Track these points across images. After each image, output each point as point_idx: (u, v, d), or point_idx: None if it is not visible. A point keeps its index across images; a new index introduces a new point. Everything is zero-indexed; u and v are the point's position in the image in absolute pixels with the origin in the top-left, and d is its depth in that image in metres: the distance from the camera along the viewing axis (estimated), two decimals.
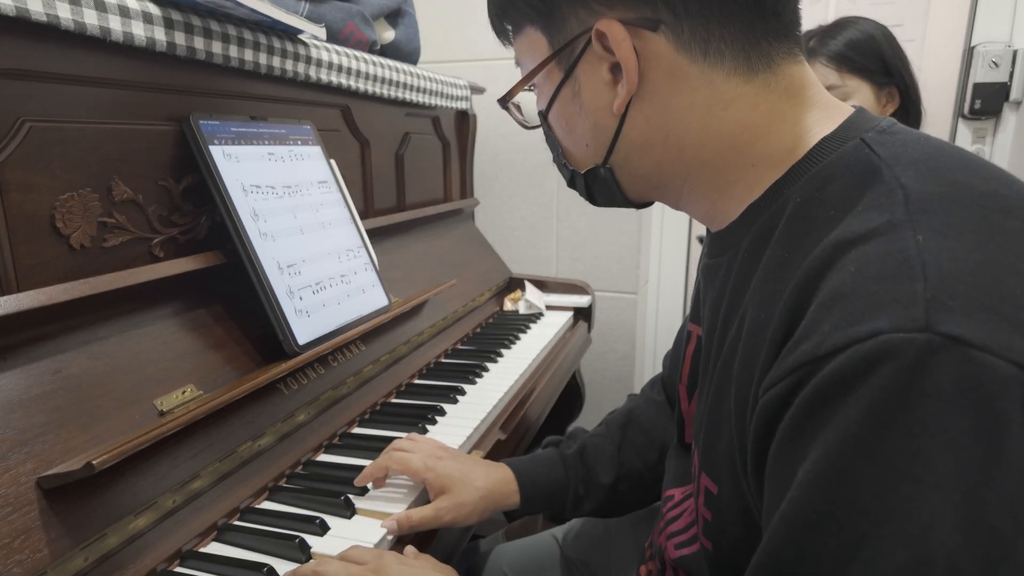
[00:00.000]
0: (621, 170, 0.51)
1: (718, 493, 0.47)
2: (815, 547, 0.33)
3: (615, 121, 0.48)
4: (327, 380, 0.85)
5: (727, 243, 0.49)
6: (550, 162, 0.54)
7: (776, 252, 0.42)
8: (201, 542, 0.62)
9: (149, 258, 0.73)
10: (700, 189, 0.49)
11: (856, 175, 0.40)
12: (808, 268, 0.38)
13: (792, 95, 0.46)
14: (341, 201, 0.97)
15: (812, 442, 0.34)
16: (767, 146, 0.46)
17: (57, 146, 0.62)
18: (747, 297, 0.44)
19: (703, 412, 0.51)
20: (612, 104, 0.47)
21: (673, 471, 0.65)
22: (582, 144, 0.51)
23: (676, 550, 0.55)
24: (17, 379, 0.55)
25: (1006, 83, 1.53)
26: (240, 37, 0.79)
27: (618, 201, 0.54)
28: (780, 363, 0.37)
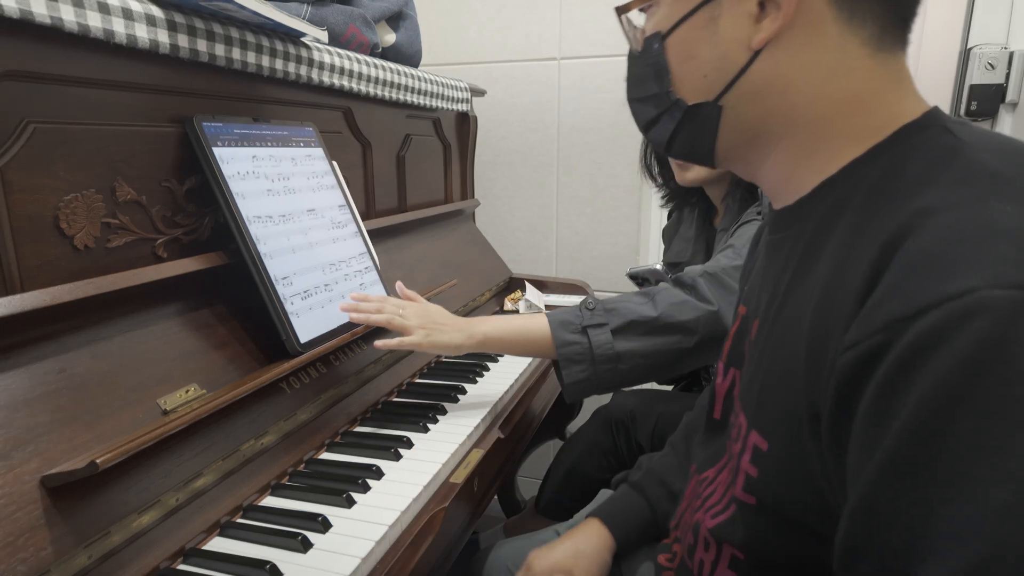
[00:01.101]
0: (729, 112, 0.50)
1: (769, 449, 0.48)
2: (914, 489, 0.35)
3: (746, 57, 0.47)
4: (329, 379, 0.86)
5: (796, 217, 0.50)
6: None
7: (851, 221, 0.44)
8: (204, 539, 0.62)
9: (152, 258, 0.74)
10: (790, 152, 0.50)
11: (939, 154, 0.42)
12: (890, 233, 0.39)
13: (897, 81, 0.47)
14: (343, 202, 0.98)
15: (906, 396, 0.35)
16: (862, 122, 0.47)
17: (61, 147, 0.63)
18: (818, 265, 0.45)
19: (754, 376, 0.52)
20: (749, 38, 0.47)
21: (701, 455, 0.66)
22: (699, 74, 0.50)
23: (712, 519, 0.56)
24: (21, 378, 0.56)
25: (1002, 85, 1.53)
26: (243, 40, 0.79)
27: (702, 150, 0.54)
28: (863, 323, 0.38)
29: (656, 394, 1.29)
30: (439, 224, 1.39)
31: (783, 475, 0.47)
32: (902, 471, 0.35)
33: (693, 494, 0.64)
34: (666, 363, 0.90)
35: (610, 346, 0.88)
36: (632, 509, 0.79)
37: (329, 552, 0.60)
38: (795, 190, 0.50)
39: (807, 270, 0.47)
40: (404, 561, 0.63)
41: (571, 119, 1.69)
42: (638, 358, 0.88)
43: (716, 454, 0.62)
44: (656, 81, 0.53)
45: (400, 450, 0.79)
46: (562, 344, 0.88)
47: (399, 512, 0.66)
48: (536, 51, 1.68)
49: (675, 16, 0.50)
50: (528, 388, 1.06)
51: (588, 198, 1.72)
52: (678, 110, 0.52)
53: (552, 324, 0.90)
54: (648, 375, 0.92)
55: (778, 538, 0.49)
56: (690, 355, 0.90)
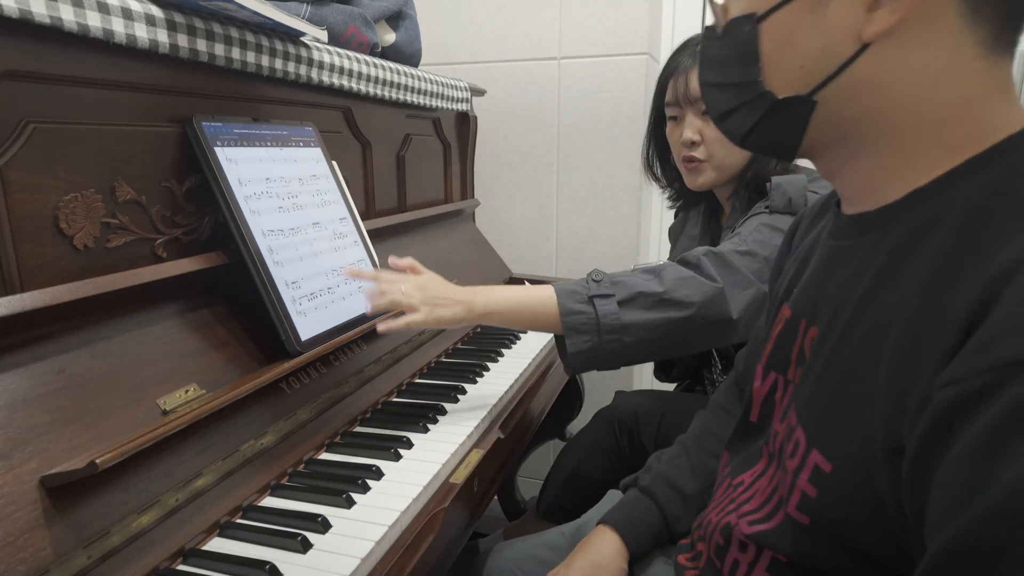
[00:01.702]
0: (822, 109, 0.46)
1: (831, 472, 0.45)
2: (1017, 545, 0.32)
3: (852, 49, 0.43)
4: (329, 379, 0.86)
5: (876, 226, 0.46)
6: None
7: (947, 241, 0.40)
8: (204, 540, 0.62)
9: (152, 258, 0.74)
10: (881, 157, 0.46)
11: None
12: (1001, 264, 0.36)
13: (1004, 88, 0.44)
14: (342, 202, 0.98)
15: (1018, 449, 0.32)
16: (965, 131, 0.43)
17: (61, 147, 0.63)
18: (903, 283, 0.42)
19: (818, 392, 0.49)
20: (860, 29, 0.42)
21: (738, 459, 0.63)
22: (795, 64, 0.45)
23: (751, 526, 0.54)
24: (21, 378, 0.56)
25: None
26: (243, 39, 0.79)
27: (784, 146, 0.50)
28: (969, 359, 0.35)
29: (659, 395, 1.28)
30: (439, 224, 1.39)
31: (846, 499, 0.44)
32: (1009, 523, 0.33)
33: (724, 496, 0.62)
34: (670, 339, 0.89)
35: (616, 317, 0.87)
36: (643, 515, 0.77)
37: (329, 552, 0.60)
38: (878, 197, 0.46)
39: (887, 285, 0.44)
40: (404, 561, 0.63)
41: (571, 119, 1.69)
42: (642, 331, 0.88)
43: (750, 458, 0.60)
44: (741, 68, 0.48)
45: (400, 450, 0.78)
46: (567, 313, 0.88)
47: (399, 512, 0.66)
48: (536, 51, 1.67)
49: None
50: (528, 388, 1.06)
51: (588, 198, 1.72)
52: (764, 103, 0.48)
53: (558, 293, 0.89)
54: (650, 352, 0.91)
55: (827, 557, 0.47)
56: (694, 333, 0.90)
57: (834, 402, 0.47)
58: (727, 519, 0.58)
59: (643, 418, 1.18)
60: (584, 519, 0.89)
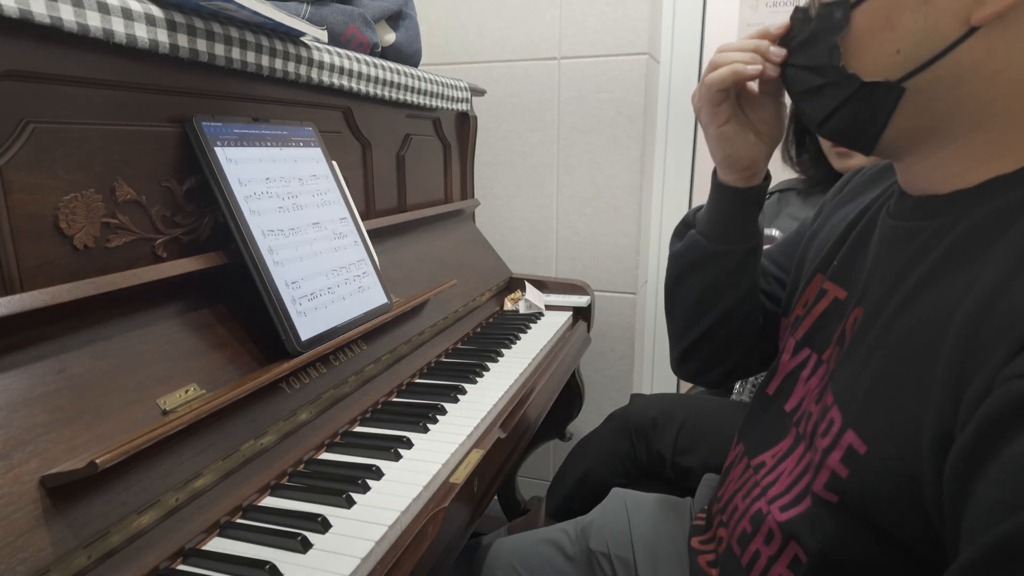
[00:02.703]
0: (912, 97, 0.44)
1: (867, 454, 0.44)
2: None
3: (957, 33, 0.41)
4: (329, 379, 0.86)
5: (946, 210, 0.45)
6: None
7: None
8: (204, 540, 0.62)
9: (152, 258, 0.74)
10: (975, 147, 0.44)
11: None
12: None
13: None
14: (342, 202, 0.98)
15: None
16: None
17: (60, 147, 0.63)
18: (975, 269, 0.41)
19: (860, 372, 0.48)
20: (970, 12, 0.40)
21: (758, 434, 0.61)
22: (891, 48, 0.43)
23: (783, 512, 0.52)
24: (21, 378, 0.56)
25: None
26: (242, 39, 0.79)
27: (865, 136, 0.48)
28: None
29: (678, 399, 1.26)
30: (439, 224, 1.39)
31: (879, 482, 0.44)
32: None
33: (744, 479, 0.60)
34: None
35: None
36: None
37: (329, 552, 0.60)
38: (953, 180, 0.45)
39: (955, 270, 0.42)
40: (404, 561, 0.63)
41: (571, 119, 1.69)
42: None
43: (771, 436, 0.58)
44: (827, 52, 0.47)
45: (400, 450, 0.78)
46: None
47: (399, 512, 0.66)
48: (536, 51, 1.67)
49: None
50: (528, 388, 1.06)
51: (588, 198, 1.72)
52: (849, 85, 0.46)
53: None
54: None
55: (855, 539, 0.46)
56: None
57: (877, 384, 0.45)
58: (757, 506, 0.56)
59: (661, 424, 1.15)
60: (589, 518, 0.89)
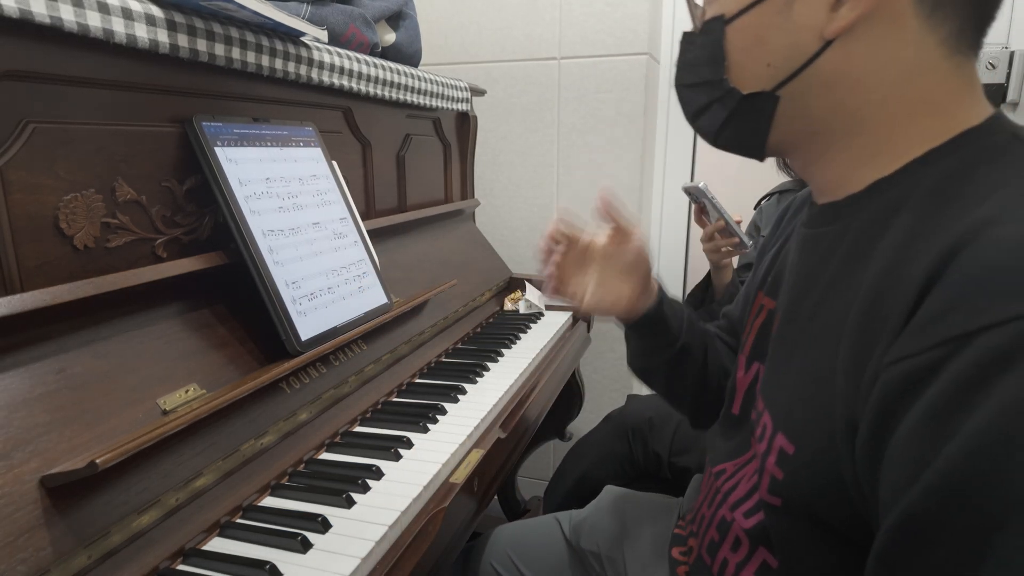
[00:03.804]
0: (788, 104, 0.48)
1: (795, 453, 0.47)
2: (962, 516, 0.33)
3: (816, 46, 0.45)
4: (329, 379, 0.86)
5: (842, 214, 0.48)
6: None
7: (907, 224, 0.42)
8: (204, 539, 0.62)
9: (152, 258, 0.74)
10: (851, 150, 0.48)
11: (1006, 163, 0.41)
12: (949, 240, 0.37)
13: (969, 86, 0.46)
14: (342, 202, 0.98)
15: (964, 418, 0.33)
16: (931, 125, 0.45)
17: (61, 147, 0.63)
18: (866, 266, 0.43)
19: (782, 376, 0.50)
20: (824, 27, 0.45)
21: (720, 448, 0.64)
22: (762, 62, 0.48)
23: (747, 518, 0.54)
24: (21, 378, 0.56)
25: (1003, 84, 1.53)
26: (243, 39, 0.79)
27: (752, 143, 0.52)
28: (916, 335, 0.36)
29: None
30: (439, 224, 1.39)
31: (810, 480, 0.46)
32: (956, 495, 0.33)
33: (710, 488, 0.62)
34: None
35: None
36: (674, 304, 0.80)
37: (329, 552, 0.60)
38: (847, 186, 0.48)
39: (851, 270, 0.45)
40: (404, 561, 0.63)
41: (571, 119, 1.69)
42: None
43: (736, 449, 0.61)
44: (710, 67, 0.51)
45: (400, 450, 0.78)
46: None
47: (399, 512, 0.66)
48: (536, 51, 1.67)
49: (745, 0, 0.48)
50: (528, 388, 1.06)
51: (588, 198, 1.72)
52: (731, 99, 0.50)
53: None
54: None
55: (809, 541, 0.48)
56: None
57: (797, 386, 0.48)
58: (721, 513, 0.58)
59: (658, 425, 1.16)
60: (582, 514, 0.89)
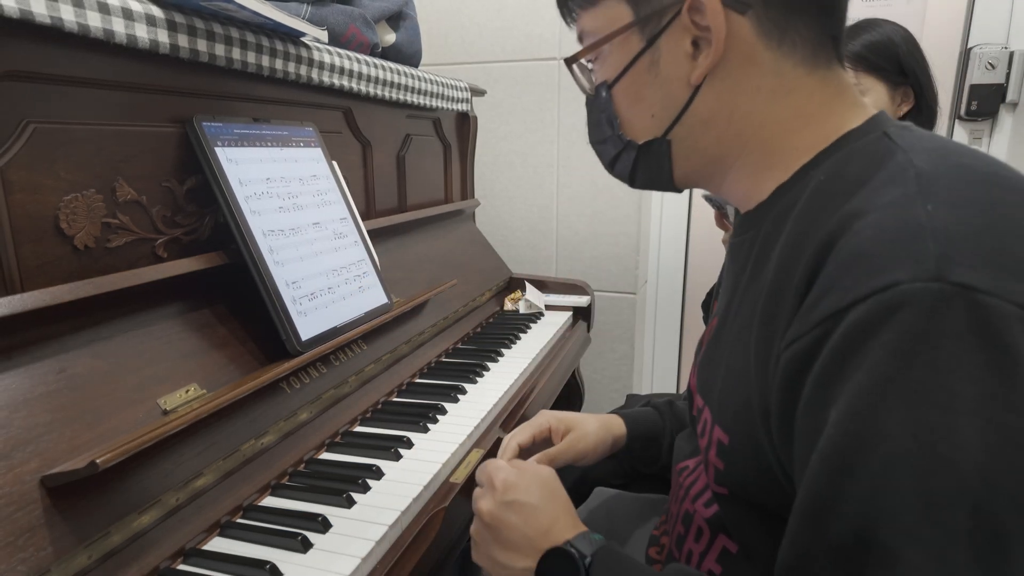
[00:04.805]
0: (679, 144, 0.54)
1: (729, 443, 0.51)
2: (853, 479, 0.36)
3: (687, 93, 0.51)
4: (329, 379, 0.86)
5: (753, 221, 0.53)
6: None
7: (797, 223, 0.46)
8: (204, 539, 0.62)
9: (152, 258, 0.74)
10: (747, 168, 0.53)
11: (874, 158, 0.45)
12: (825, 234, 0.41)
13: (839, 93, 0.50)
14: (342, 202, 0.98)
15: (842, 385, 0.37)
16: (811, 134, 0.50)
17: (61, 147, 0.63)
18: (768, 266, 0.48)
19: (716, 374, 0.54)
20: (689, 75, 0.50)
21: (683, 448, 0.69)
22: (647, 115, 0.54)
23: (707, 508, 0.57)
24: (21, 378, 0.56)
25: (1002, 84, 1.54)
26: (243, 40, 0.79)
27: (661, 179, 0.57)
28: (803, 318, 0.41)
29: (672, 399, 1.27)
30: (439, 224, 1.39)
31: (745, 467, 0.50)
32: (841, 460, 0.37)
33: (676, 485, 0.65)
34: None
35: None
36: (646, 417, 0.83)
37: (329, 552, 0.60)
38: (756, 197, 0.53)
39: (758, 272, 0.50)
40: (404, 561, 0.63)
41: (571, 119, 1.69)
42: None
43: (694, 449, 0.65)
44: (608, 125, 0.57)
45: (400, 450, 0.79)
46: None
47: (399, 512, 0.66)
48: (536, 51, 1.68)
49: (620, 65, 0.53)
50: (529, 387, 1.06)
51: (588, 198, 1.72)
52: (632, 149, 0.56)
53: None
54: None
55: (759, 525, 0.51)
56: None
57: (726, 381, 0.52)
58: (684, 507, 0.61)
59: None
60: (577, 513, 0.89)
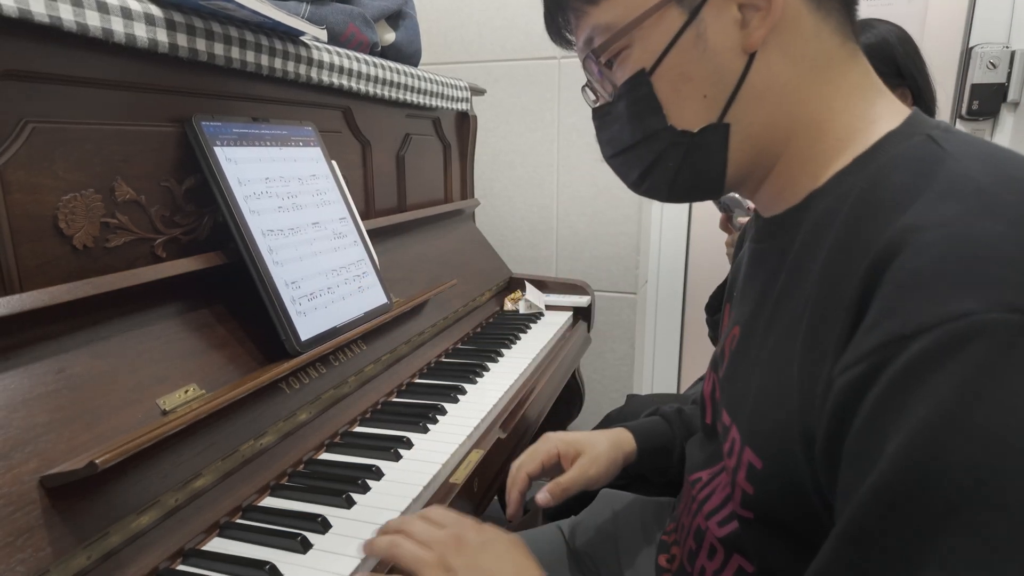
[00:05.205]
0: (737, 127, 0.49)
1: (763, 468, 0.47)
2: (904, 517, 0.33)
3: (741, 63, 0.47)
4: (328, 379, 0.86)
5: (783, 228, 0.50)
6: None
7: (841, 236, 0.43)
8: (204, 540, 0.62)
9: (151, 258, 0.73)
10: (791, 159, 0.49)
11: (923, 166, 0.42)
12: (879, 250, 0.38)
13: (867, 75, 0.48)
14: (342, 202, 0.98)
15: (902, 418, 0.34)
16: (848, 121, 0.47)
17: (60, 147, 0.63)
18: (808, 280, 0.45)
19: (745, 391, 0.51)
20: (742, 43, 0.46)
21: (696, 457, 0.65)
22: (699, 95, 0.48)
23: (721, 527, 0.55)
24: (20, 378, 0.56)
25: (1004, 84, 1.53)
26: (242, 39, 0.79)
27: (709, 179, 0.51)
28: (858, 344, 0.37)
29: (672, 398, 1.27)
30: (439, 224, 1.39)
31: (779, 494, 0.46)
32: (894, 496, 0.34)
33: (687, 496, 0.63)
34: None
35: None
36: (656, 429, 0.80)
37: (329, 552, 0.60)
38: (787, 200, 0.50)
39: (796, 284, 0.46)
40: None
41: (571, 119, 1.69)
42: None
43: (712, 457, 0.61)
44: (649, 121, 0.51)
45: (400, 450, 0.78)
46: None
47: (399, 513, 0.66)
48: (536, 51, 1.67)
49: (658, 47, 0.48)
50: (529, 388, 1.06)
51: (588, 198, 1.72)
52: (684, 141, 0.50)
53: None
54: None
55: (783, 550, 0.48)
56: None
57: (759, 400, 0.49)
58: (696, 522, 0.59)
59: None
60: (579, 518, 0.89)
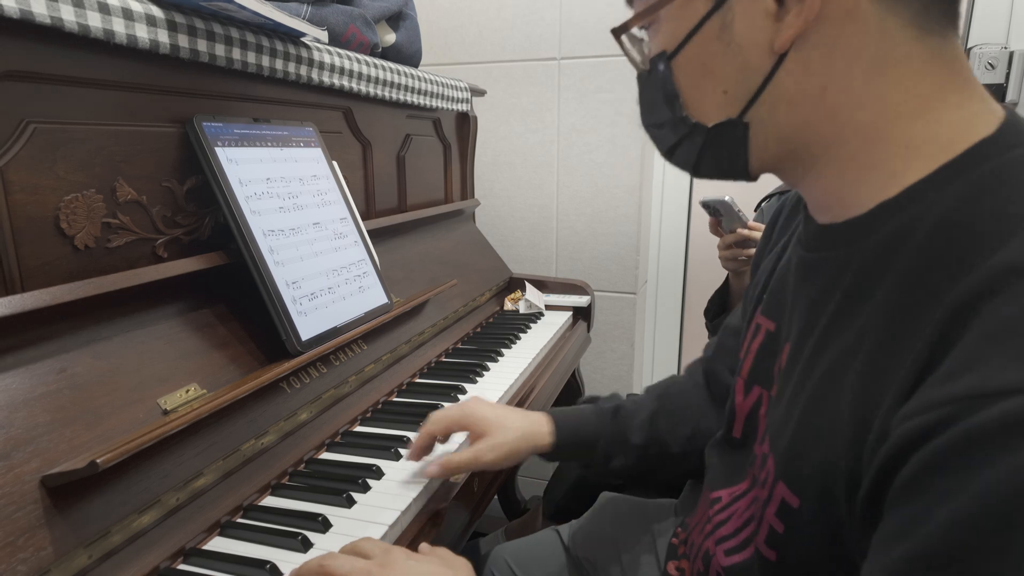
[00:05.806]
0: (759, 127, 0.43)
1: (799, 507, 0.43)
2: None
3: (770, 63, 0.41)
4: (329, 379, 0.86)
5: (844, 240, 0.43)
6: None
7: (914, 262, 0.37)
8: (205, 539, 0.62)
9: (153, 258, 0.74)
10: (837, 164, 0.42)
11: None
12: (969, 290, 0.33)
13: (957, 72, 0.40)
14: (343, 202, 0.98)
15: (962, 484, 0.30)
16: (928, 128, 0.39)
17: (61, 148, 0.63)
18: (870, 306, 0.40)
19: (787, 419, 0.46)
20: (771, 40, 0.40)
21: (718, 470, 0.61)
22: (718, 90, 0.43)
23: (727, 557, 0.52)
24: (21, 378, 0.56)
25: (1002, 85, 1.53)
26: (243, 40, 0.79)
27: (734, 169, 0.47)
28: (927, 393, 0.33)
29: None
30: (439, 224, 1.39)
31: (813, 535, 0.42)
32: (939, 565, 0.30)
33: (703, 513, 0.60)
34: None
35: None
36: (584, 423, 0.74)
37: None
38: (846, 206, 0.43)
39: (854, 308, 0.41)
40: None
41: (571, 119, 1.69)
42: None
43: (734, 474, 0.58)
44: (668, 106, 0.47)
45: (400, 450, 0.79)
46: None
47: (399, 512, 0.67)
48: (536, 51, 1.68)
49: (680, 32, 0.44)
50: (529, 387, 1.06)
51: (588, 198, 1.72)
52: (699, 134, 0.46)
53: None
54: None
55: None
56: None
57: (801, 432, 0.44)
58: (706, 545, 0.57)
59: None
60: (580, 522, 0.89)
